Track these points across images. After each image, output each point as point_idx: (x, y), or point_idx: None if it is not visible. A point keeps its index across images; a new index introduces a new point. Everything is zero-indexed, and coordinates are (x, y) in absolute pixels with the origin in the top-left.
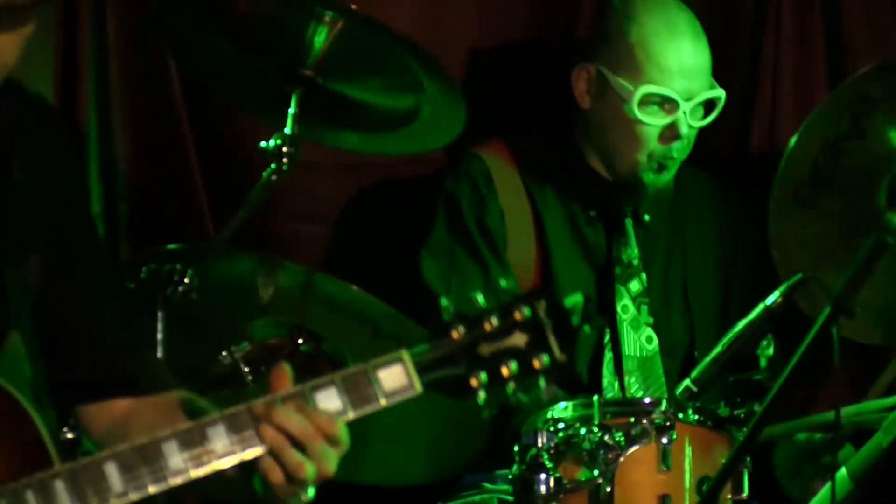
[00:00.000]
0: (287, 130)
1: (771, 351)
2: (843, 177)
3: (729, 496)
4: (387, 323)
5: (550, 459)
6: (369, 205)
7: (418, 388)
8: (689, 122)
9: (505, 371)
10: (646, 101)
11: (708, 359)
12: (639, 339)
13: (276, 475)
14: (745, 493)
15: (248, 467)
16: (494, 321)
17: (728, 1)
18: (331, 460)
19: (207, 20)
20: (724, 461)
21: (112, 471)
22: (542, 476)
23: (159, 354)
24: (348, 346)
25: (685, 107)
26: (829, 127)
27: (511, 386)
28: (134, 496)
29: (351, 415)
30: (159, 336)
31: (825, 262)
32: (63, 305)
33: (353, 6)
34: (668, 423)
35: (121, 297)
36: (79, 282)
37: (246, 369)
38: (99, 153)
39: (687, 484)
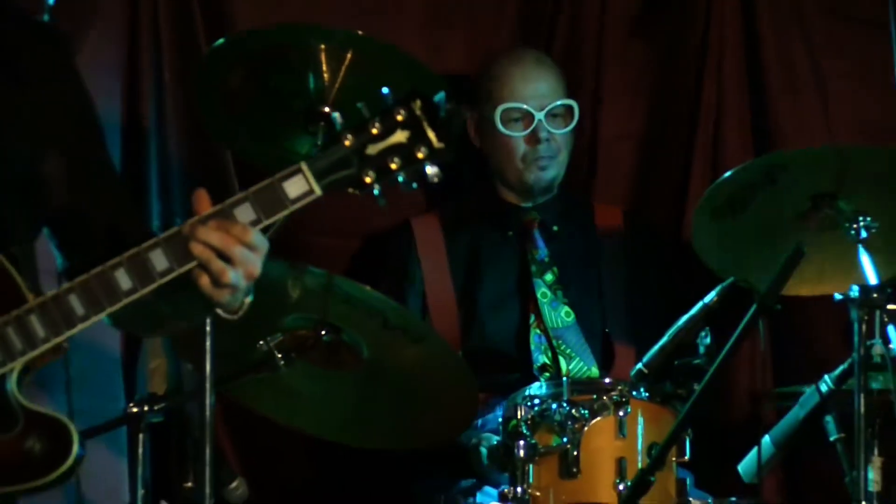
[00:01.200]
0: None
1: (708, 340)
2: (754, 205)
3: (673, 458)
4: (393, 315)
5: (528, 429)
6: (372, 221)
7: (317, 191)
8: (548, 128)
9: (392, 165)
10: (506, 117)
11: (657, 347)
12: (558, 314)
13: (205, 282)
14: (687, 457)
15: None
16: (378, 125)
17: (672, 54)
18: (253, 263)
19: (240, 93)
20: (669, 430)
21: (75, 299)
22: (521, 442)
23: (209, 344)
24: (363, 336)
25: (539, 115)
26: (747, 174)
27: (401, 175)
28: (94, 318)
29: (265, 221)
30: (208, 328)
31: (744, 264)
32: (84, 196)
33: (360, 32)
34: (623, 400)
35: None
36: (95, 175)
37: (279, 356)
38: (161, 211)
39: (639, 448)
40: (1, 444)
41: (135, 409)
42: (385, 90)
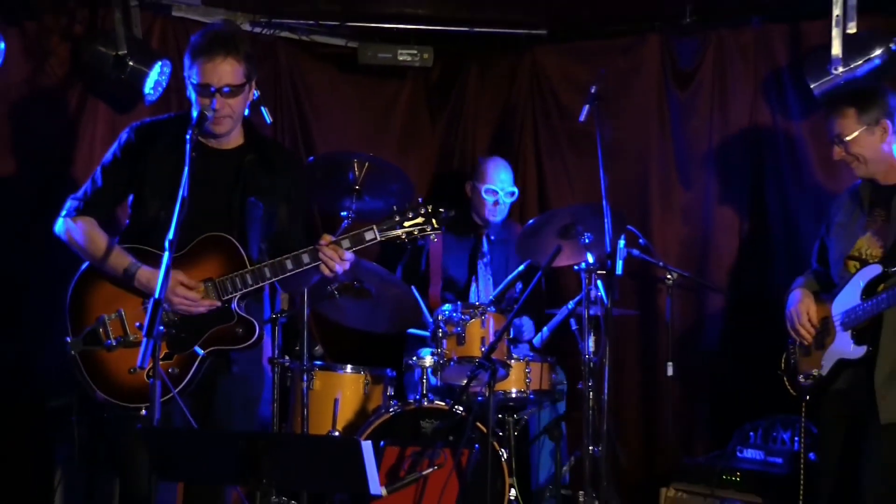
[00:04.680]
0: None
1: (519, 285)
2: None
3: (507, 337)
4: (384, 280)
5: (444, 323)
6: None
7: (378, 237)
8: (503, 199)
9: (413, 231)
10: (486, 192)
11: (499, 288)
12: (488, 275)
13: (324, 269)
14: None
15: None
16: (410, 213)
17: (508, 142)
18: (344, 266)
19: None
20: (504, 323)
21: (267, 269)
22: (441, 329)
23: (305, 290)
24: (373, 286)
25: (501, 194)
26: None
27: (416, 237)
28: (273, 280)
29: (355, 248)
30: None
31: (536, 253)
32: (290, 226)
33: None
34: (484, 311)
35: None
36: (294, 219)
37: (337, 295)
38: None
39: (491, 332)
40: (225, 328)
41: (274, 316)
42: (420, 199)
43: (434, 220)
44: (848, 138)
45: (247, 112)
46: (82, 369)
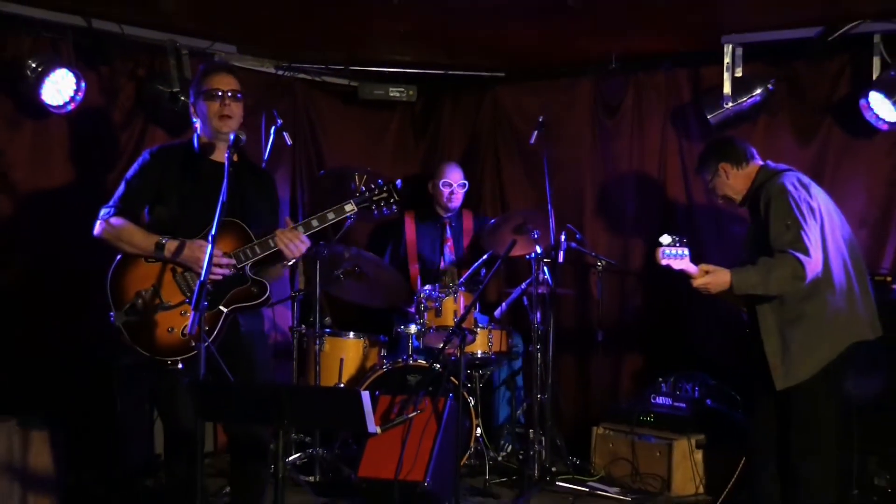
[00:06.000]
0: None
1: (484, 272)
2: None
3: (475, 310)
4: (379, 267)
5: (425, 301)
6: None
7: (355, 208)
8: (456, 189)
9: (382, 203)
10: (443, 185)
11: (470, 271)
12: (450, 256)
13: (285, 252)
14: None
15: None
16: (376, 190)
17: (475, 159)
18: (304, 244)
19: None
20: (472, 299)
21: (258, 245)
22: (423, 304)
23: (318, 267)
24: (363, 268)
25: (454, 185)
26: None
27: (384, 207)
28: (261, 256)
29: (307, 233)
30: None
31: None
32: (266, 219)
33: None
34: (457, 289)
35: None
36: (267, 218)
37: (342, 278)
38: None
39: (461, 306)
40: (242, 290)
41: (294, 294)
42: (380, 181)
43: (395, 193)
44: (711, 188)
45: (272, 136)
46: (125, 335)
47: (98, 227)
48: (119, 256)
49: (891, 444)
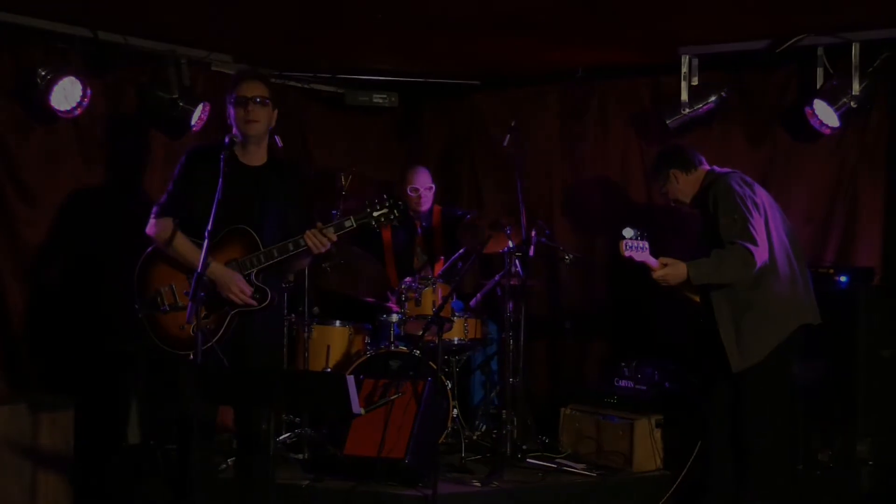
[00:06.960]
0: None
1: (459, 265)
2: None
3: (451, 299)
4: (364, 260)
5: (406, 292)
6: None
7: (355, 224)
8: (423, 193)
9: (382, 219)
10: (410, 191)
11: (446, 265)
12: (422, 256)
13: (314, 248)
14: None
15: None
16: (378, 206)
17: (453, 161)
18: (327, 246)
19: None
20: (449, 290)
21: (274, 250)
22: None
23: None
24: (348, 261)
25: (421, 189)
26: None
27: (384, 221)
28: (277, 260)
29: (338, 233)
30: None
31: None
32: (294, 221)
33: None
34: (434, 281)
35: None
36: (296, 215)
37: (329, 270)
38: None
39: (439, 297)
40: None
41: (284, 285)
42: (384, 196)
43: (395, 210)
44: (663, 192)
45: (279, 144)
46: (146, 327)
47: (149, 226)
48: (149, 250)
49: (831, 421)
